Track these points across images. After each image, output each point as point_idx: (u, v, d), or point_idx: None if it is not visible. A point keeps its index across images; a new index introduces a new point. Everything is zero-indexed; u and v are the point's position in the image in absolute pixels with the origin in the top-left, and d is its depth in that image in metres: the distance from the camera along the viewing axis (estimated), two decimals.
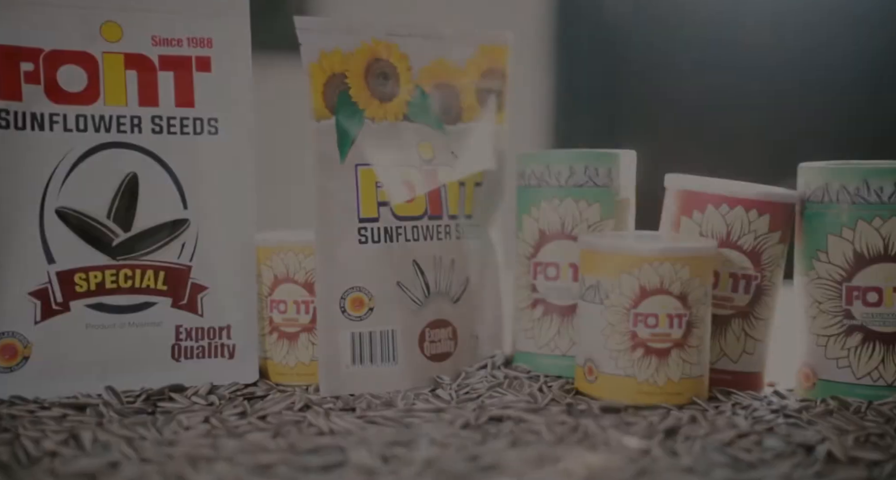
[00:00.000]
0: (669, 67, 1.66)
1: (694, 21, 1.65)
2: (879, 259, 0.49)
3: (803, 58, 1.59)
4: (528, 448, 0.37)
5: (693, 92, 1.65)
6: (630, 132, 1.70)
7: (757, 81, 1.60)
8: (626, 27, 1.65)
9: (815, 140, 1.58)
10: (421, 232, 0.53)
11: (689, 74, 1.64)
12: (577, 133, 1.66)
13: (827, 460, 0.38)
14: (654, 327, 0.47)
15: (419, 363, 0.52)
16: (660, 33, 1.66)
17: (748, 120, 1.63)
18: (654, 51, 1.66)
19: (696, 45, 1.65)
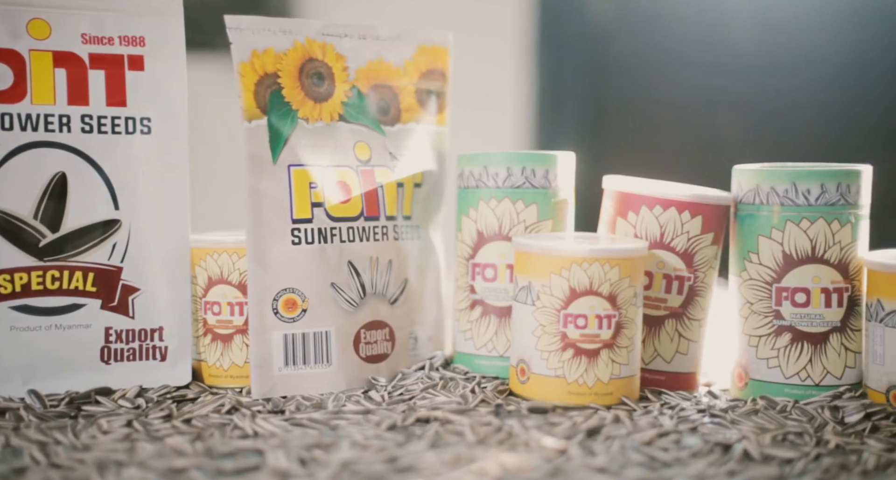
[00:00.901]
0: (654, 66, 1.67)
1: (678, 21, 1.66)
2: (807, 260, 0.50)
3: (809, 56, 1.60)
4: (447, 449, 0.37)
5: (679, 92, 1.66)
6: (613, 132, 1.71)
7: (744, 80, 1.61)
8: (609, 27, 1.66)
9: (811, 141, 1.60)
10: (357, 233, 0.53)
11: (676, 75, 1.66)
12: (559, 133, 1.67)
13: (742, 458, 0.38)
14: (583, 327, 0.47)
15: (354, 364, 0.52)
16: (644, 33, 1.67)
17: (736, 119, 1.65)
18: (638, 50, 1.67)
19: (682, 44, 1.66)
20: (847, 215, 0.50)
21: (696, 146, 1.66)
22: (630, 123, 1.71)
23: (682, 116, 1.68)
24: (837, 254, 0.50)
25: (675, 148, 1.65)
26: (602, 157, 1.71)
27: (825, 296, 0.50)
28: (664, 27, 1.66)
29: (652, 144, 1.68)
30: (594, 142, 1.72)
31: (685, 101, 1.66)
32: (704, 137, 1.68)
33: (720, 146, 1.67)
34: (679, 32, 1.66)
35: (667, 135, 1.69)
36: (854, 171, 0.51)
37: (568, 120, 1.69)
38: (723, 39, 1.65)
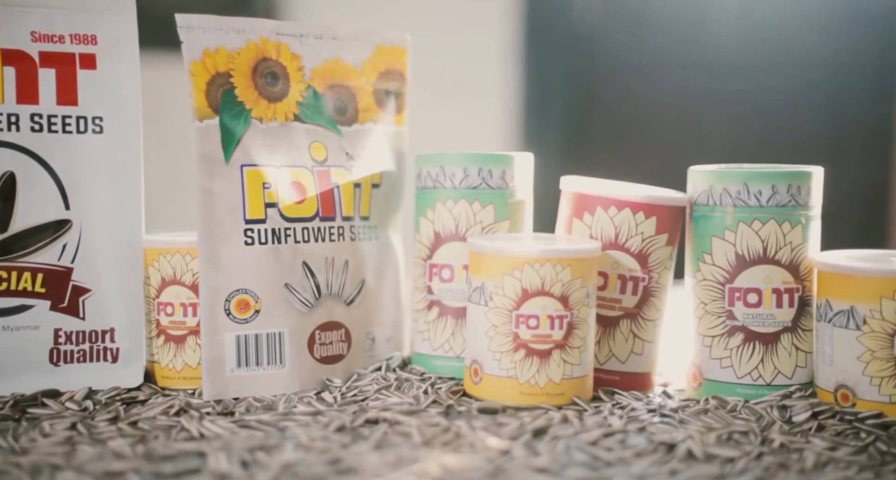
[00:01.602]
0: (640, 66, 1.68)
1: (664, 21, 1.67)
2: (759, 261, 0.51)
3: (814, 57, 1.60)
4: (391, 450, 0.37)
5: (666, 92, 1.66)
6: (599, 132, 1.72)
7: (730, 80, 1.62)
8: (595, 26, 1.67)
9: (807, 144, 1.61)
10: (312, 233, 0.52)
11: (662, 74, 1.66)
12: (546, 133, 1.67)
13: (685, 457, 0.38)
14: (535, 328, 0.47)
15: (308, 365, 0.52)
16: (630, 33, 1.67)
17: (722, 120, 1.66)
18: (624, 50, 1.68)
19: (668, 44, 1.66)
20: (798, 216, 0.51)
21: (682, 146, 1.67)
22: (616, 123, 1.72)
23: (669, 116, 1.69)
24: (788, 255, 0.51)
25: (660, 148, 1.66)
26: (589, 156, 1.71)
27: (776, 296, 0.51)
28: (650, 27, 1.67)
29: (638, 144, 1.69)
30: (580, 141, 1.73)
31: (671, 100, 1.67)
32: (691, 137, 1.69)
33: (707, 146, 1.68)
34: (665, 32, 1.67)
35: (653, 134, 1.70)
36: (804, 172, 0.51)
37: (554, 120, 1.69)
38: (709, 40, 1.67)
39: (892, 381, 0.46)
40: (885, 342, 0.46)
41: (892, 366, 0.46)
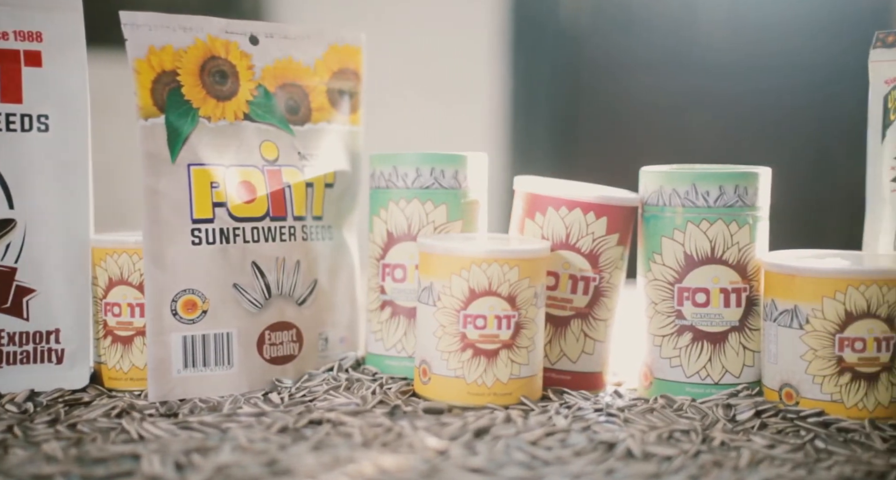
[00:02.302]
0: (627, 67, 1.68)
1: (651, 22, 1.67)
2: (707, 261, 0.51)
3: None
4: (330, 451, 0.37)
5: (652, 93, 1.67)
6: (586, 132, 1.72)
7: (717, 81, 1.63)
8: (583, 27, 1.67)
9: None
10: (262, 233, 0.52)
11: (649, 75, 1.67)
12: (532, 133, 1.68)
13: (624, 456, 0.39)
14: (482, 328, 0.47)
15: (257, 366, 0.51)
16: (617, 34, 1.68)
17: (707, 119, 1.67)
18: (611, 51, 1.68)
19: (655, 45, 1.67)
20: (745, 216, 0.51)
21: (668, 146, 1.68)
22: (604, 122, 1.72)
23: (656, 115, 1.69)
24: (736, 255, 0.51)
25: (648, 147, 1.67)
26: (576, 156, 1.72)
27: (724, 296, 0.51)
28: (638, 26, 1.67)
29: (625, 143, 1.70)
30: (567, 140, 1.73)
31: (659, 100, 1.68)
32: (677, 138, 1.70)
33: (695, 146, 1.69)
34: (653, 32, 1.67)
35: (641, 134, 1.70)
36: (751, 173, 0.52)
37: (541, 119, 1.70)
38: (695, 41, 1.68)
39: (833, 379, 0.47)
40: (826, 340, 0.47)
41: (834, 365, 0.47)
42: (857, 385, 0.46)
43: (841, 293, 0.46)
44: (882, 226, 0.52)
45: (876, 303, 0.46)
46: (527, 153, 1.68)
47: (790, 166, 1.62)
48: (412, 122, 1.64)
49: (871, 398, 0.46)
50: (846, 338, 0.46)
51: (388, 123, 1.67)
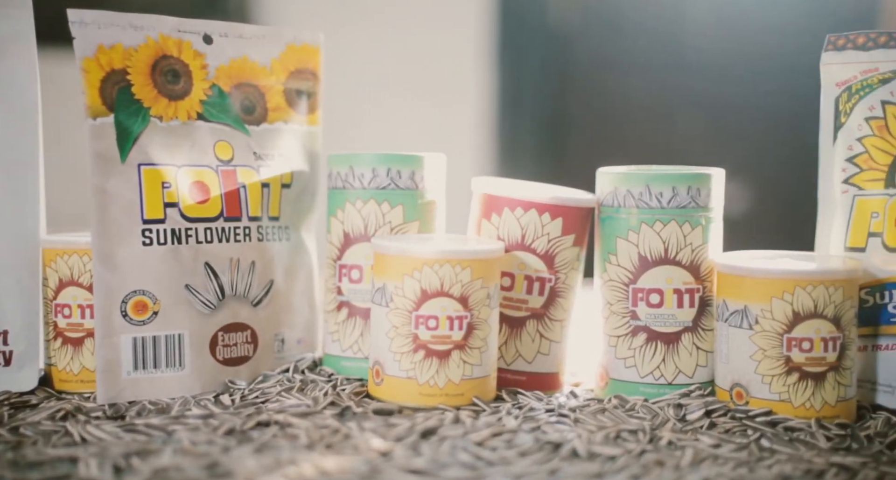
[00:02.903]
0: (615, 68, 1.68)
1: (638, 23, 1.68)
2: (661, 262, 0.52)
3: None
4: (272, 453, 0.37)
5: (640, 94, 1.67)
6: (573, 134, 1.72)
7: (705, 83, 1.64)
8: (570, 28, 1.67)
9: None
10: (215, 234, 0.52)
11: (636, 77, 1.67)
12: (520, 134, 1.68)
13: (569, 456, 0.39)
14: (434, 329, 0.47)
15: (210, 367, 0.51)
16: (605, 35, 1.68)
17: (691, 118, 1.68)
18: (599, 52, 1.69)
19: (642, 46, 1.67)
20: (698, 217, 0.52)
21: (657, 146, 1.69)
22: (591, 123, 1.73)
23: (645, 116, 1.70)
24: (689, 256, 0.51)
25: (634, 150, 1.67)
26: (563, 156, 1.72)
27: (677, 297, 0.51)
28: (625, 29, 1.68)
29: (613, 144, 1.70)
30: (555, 141, 1.73)
31: (645, 102, 1.68)
32: (664, 140, 1.71)
33: (682, 147, 1.70)
34: (642, 33, 1.68)
35: (626, 136, 1.71)
36: (704, 175, 0.52)
37: (529, 121, 1.70)
38: (684, 42, 1.69)
39: (781, 379, 0.47)
40: (775, 341, 0.47)
41: (782, 365, 0.47)
42: (804, 385, 0.47)
43: (789, 294, 0.47)
44: (833, 227, 0.53)
45: (823, 303, 0.47)
46: (514, 154, 1.68)
47: (779, 168, 1.64)
48: (398, 122, 1.64)
49: (818, 398, 0.47)
50: (794, 338, 0.47)
51: (372, 123, 1.67)
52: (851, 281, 0.47)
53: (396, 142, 1.59)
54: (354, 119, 1.66)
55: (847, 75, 0.52)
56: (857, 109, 0.51)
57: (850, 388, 0.48)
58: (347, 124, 1.69)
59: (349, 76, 1.66)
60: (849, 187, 0.52)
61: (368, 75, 1.66)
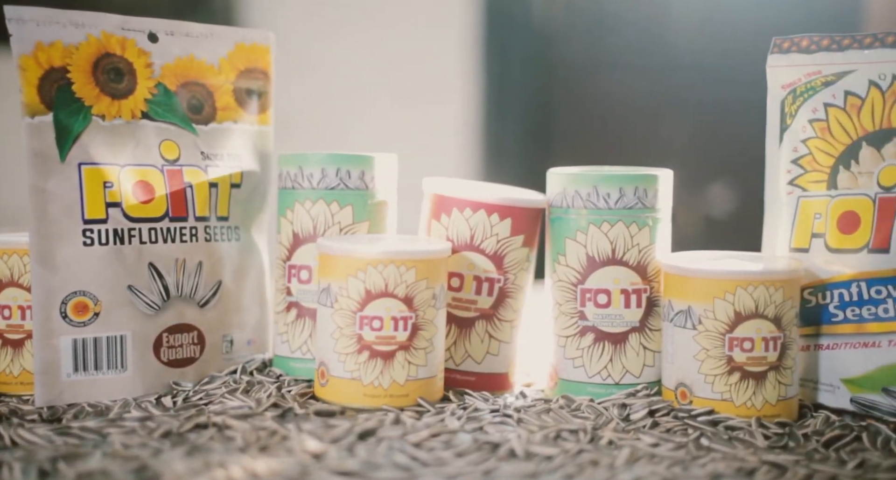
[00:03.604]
0: (600, 69, 1.69)
1: (623, 24, 1.68)
2: (608, 262, 0.52)
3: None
4: (203, 455, 0.36)
5: (624, 95, 1.68)
6: (558, 134, 1.72)
7: (689, 84, 1.64)
8: (555, 29, 1.67)
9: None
10: (160, 234, 0.51)
11: (621, 78, 1.67)
12: (505, 135, 1.67)
13: (506, 456, 0.39)
14: (378, 330, 0.47)
15: (154, 369, 0.50)
16: (589, 36, 1.68)
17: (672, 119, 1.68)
18: (584, 53, 1.69)
19: (627, 47, 1.67)
20: (645, 218, 0.52)
21: (642, 148, 1.69)
22: (577, 124, 1.73)
23: (630, 117, 1.70)
24: (636, 256, 0.52)
25: (619, 150, 1.68)
26: (548, 157, 1.72)
27: (625, 297, 0.52)
28: (609, 30, 1.68)
29: (599, 145, 1.70)
30: (540, 142, 1.73)
31: (630, 103, 1.69)
32: (649, 141, 1.71)
33: (667, 148, 1.71)
34: (626, 34, 1.68)
35: (611, 137, 1.71)
36: (651, 176, 0.52)
37: (513, 121, 1.70)
38: (668, 43, 1.69)
39: (723, 379, 0.48)
40: (717, 340, 0.48)
41: (724, 364, 0.48)
42: (745, 384, 0.47)
43: (730, 294, 0.47)
44: (779, 228, 0.53)
45: (763, 303, 0.47)
46: (499, 155, 1.68)
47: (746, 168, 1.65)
48: (382, 123, 1.64)
49: (759, 397, 0.47)
50: (735, 338, 0.47)
51: (357, 124, 1.66)
52: (792, 282, 0.48)
53: (379, 143, 1.58)
54: (337, 120, 1.66)
55: (792, 78, 0.52)
56: (802, 112, 0.52)
57: (791, 387, 0.48)
58: (331, 125, 1.68)
59: (334, 77, 1.66)
60: (793, 189, 0.53)
61: (351, 77, 1.66)
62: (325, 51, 1.67)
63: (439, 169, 1.17)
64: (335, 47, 1.64)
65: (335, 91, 1.64)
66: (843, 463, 0.39)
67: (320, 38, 1.69)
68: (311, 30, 1.78)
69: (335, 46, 1.64)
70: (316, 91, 1.72)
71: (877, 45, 0.49)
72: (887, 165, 0.48)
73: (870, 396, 0.48)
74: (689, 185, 1.68)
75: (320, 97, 1.68)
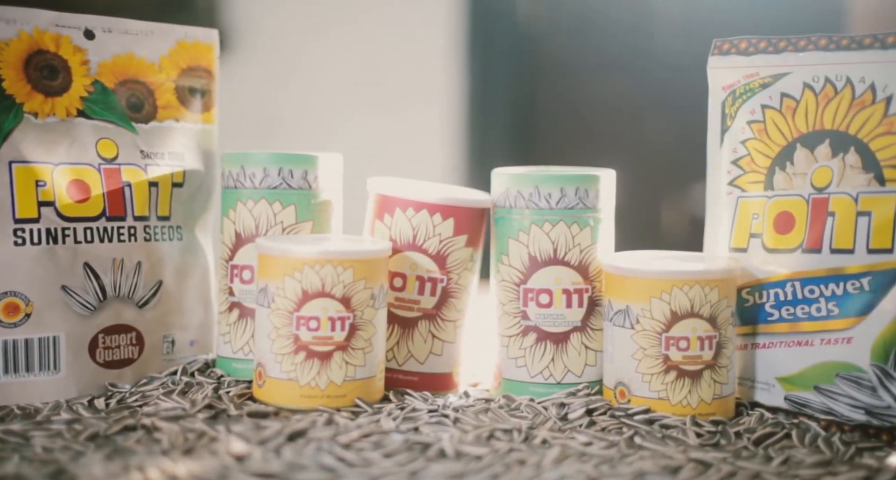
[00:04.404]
0: (584, 70, 1.68)
1: (607, 25, 1.68)
2: (550, 262, 0.52)
3: None
4: (124, 458, 0.36)
5: (609, 95, 1.68)
6: (543, 134, 1.72)
7: (673, 84, 1.65)
8: (539, 29, 1.67)
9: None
10: (96, 234, 0.51)
11: (605, 78, 1.67)
12: (490, 135, 1.67)
13: (436, 456, 0.39)
14: (315, 330, 0.47)
15: (89, 370, 0.50)
16: (574, 36, 1.68)
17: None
18: (568, 53, 1.68)
19: (611, 48, 1.67)
20: (586, 218, 0.52)
21: (624, 149, 1.69)
22: (561, 126, 1.73)
23: (614, 119, 1.70)
24: (577, 256, 0.52)
25: (603, 151, 1.68)
26: (533, 159, 1.72)
27: (566, 297, 0.52)
28: (594, 31, 1.68)
29: (583, 146, 1.71)
30: (524, 143, 1.73)
31: (616, 103, 1.69)
32: (633, 141, 1.72)
33: (651, 149, 1.71)
34: (610, 35, 1.68)
35: (595, 138, 1.72)
36: (592, 176, 0.53)
37: (498, 122, 1.70)
38: (652, 44, 1.70)
39: (660, 378, 0.48)
40: (654, 340, 0.48)
41: (661, 363, 0.48)
42: (681, 383, 0.48)
43: (666, 294, 0.47)
44: (720, 228, 0.54)
45: (699, 303, 0.47)
46: (483, 156, 1.68)
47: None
48: (366, 125, 1.63)
49: (695, 396, 0.48)
50: (672, 337, 0.48)
51: (337, 125, 1.65)
52: (727, 281, 0.48)
53: (362, 144, 1.58)
54: (320, 121, 1.65)
55: (731, 79, 0.53)
56: (741, 113, 0.53)
57: (727, 386, 0.49)
58: (315, 126, 1.67)
59: (317, 79, 1.65)
60: (733, 189, 0.53)
61: (334, 78, 1.65)
62: (309, 51, 1.66)
63: (422, 170, 1.16)
64: (319, 48, 1.63)
65: (318, 93, 1.63)
66: (770, 460, 0.40)
67: (304, 39, 1.67)
68: (295, 31, 1.77)
69: (319, 47, 1.63)
70: (300, 93, 1.71)
71: (811, 48, 0.49)
72: (820, 167, 0.49)
73: (803, 394, 0.48)
74: (672, 184, 1.69)
75: (304, 99, 1.67)
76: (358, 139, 1.59)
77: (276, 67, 1.65)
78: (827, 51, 0.49)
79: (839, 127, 0.48)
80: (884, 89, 0.47)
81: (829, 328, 0.47)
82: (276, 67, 1.64)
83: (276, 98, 1.62)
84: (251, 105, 1.59)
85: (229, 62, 1.71)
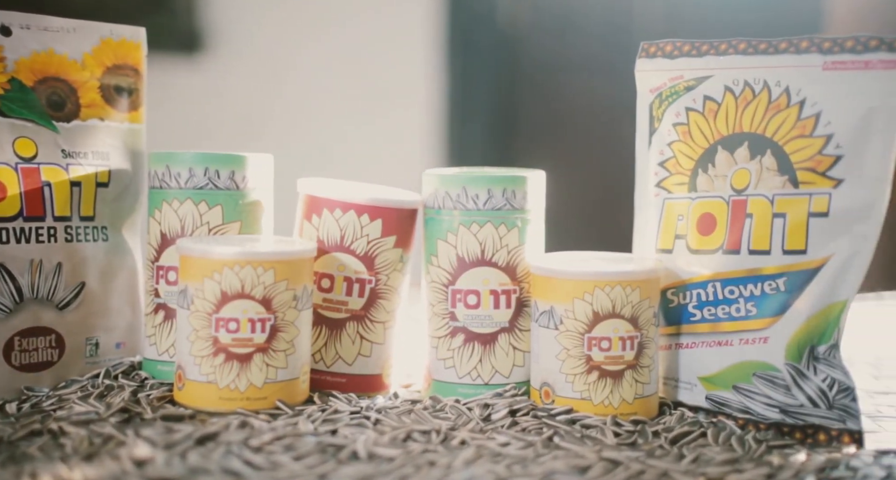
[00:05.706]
0: (564, 71, 1.68)
1: (588, 26, 1.67)
2: (477, 263, 0.52)
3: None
4: (18, 465, 0.35)
5: (589, 97, 1.67)
6: (523, 136, 1.72)
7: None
8: (520, 30, 1.67)
9: None
10: (13, 234, 0.49)
11: (586, 79, 1.67)
12: (470, 136, 1.66)
13: (347, 458, 0.38)
14: (235, 332, 0.46)
15: (4, 373, 0.49)
16: (555, 37, 1.68)
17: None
18: (548, 54, 1.68)
19: (592, 49, 1.67)
20: (513, 219, 0.52)
21: (609, 150, 1.70)
22: (542, 127, 1.73)
23: (595, 120, 1.70)
24: (505, 257, 0.52)
25: (584, 152, 1.68)
26: (514, 160, 1.72)
27: (494, 298, 0.52)
28: (574, 32, 1.68)
29: (561, 148, 1.71)
30: (505, 145, 1.72)
31: (597, 104, 1.69)
32: (615, 142, 1.72)
33: (631, 151, 1.72)
34: (591, 37, 1.69)
35: (576, 139, 1.72)
36: (519, 177, 0.53)
37: (478, 122, 1.69)
38: (633, 45, 1.70)
39: (582, 378, 0.48)
40: (577, 340, 0.48)
41: (583, 364, 0.48)
42: (603, 383, 0.48)
43: (589, 295, 0.48)
44: (648, 229, 0.54)
45: (620, 303, 0.48)
46: (464, 158, 1.68)
47: None
48: (348, 126, 1.62)
49: (616, 396, 0.48)
50: (594, 337, 0.48)
51: (320, 126, 1.64)
52: (649, 282, 0.49)
53: (344, 146, 1.56)
54: (302, 122, 1.63)
55: (658, 82, 0.53)
56: (667, 115, 0.53)
57: (649, 386, 0.49)
58: (291, 127, 1.65)
59: (297, 79, 1.63)
60: (660, 191, 0.53)
61: (313, 80, 1.63)
62: (288, 52, 1.64)
63: (403, 171, 1.15)
64: (297, 49, 1.61)
65: (296, 94, 1.61)
66: (681, 458, 0.40)
67: (283, 40, 1.65)
68: (274, 32, 1.75)
69: (298, 48, 1.61)
70: (276, 94, 1.69)
71: (731, 51, 0.50)
72: (739, 169, 0.50)
73: (722, 393, 0.49)
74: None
75: (281, 100, 1.65)
76: (337, 141, 1.58)
77: (254, 68, 1.63)
78: (746, 55, 0.49)
79: (757, 130, 0.49)
80: (798, 93, 0.47)
81: (747, 329, 0.48)
82: (254, 69, 1.62)
83: (253, 99, 1.60)
84: (229, 106, 1.57)
85: (206, 63, 1.69)
